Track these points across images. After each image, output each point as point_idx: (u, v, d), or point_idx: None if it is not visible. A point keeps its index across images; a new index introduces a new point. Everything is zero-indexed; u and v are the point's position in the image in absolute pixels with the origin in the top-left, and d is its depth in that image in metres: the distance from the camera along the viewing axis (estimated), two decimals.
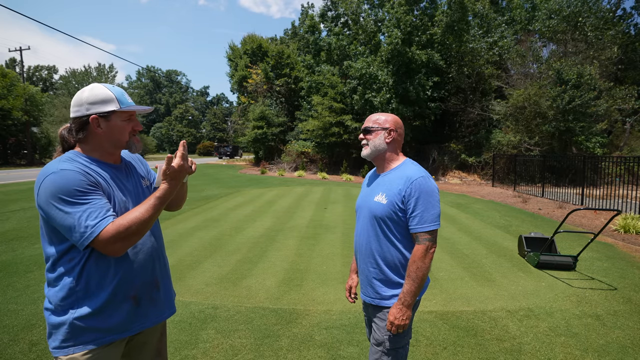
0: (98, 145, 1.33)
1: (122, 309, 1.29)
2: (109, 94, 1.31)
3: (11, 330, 2.95)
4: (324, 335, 2.99)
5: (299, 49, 28.23)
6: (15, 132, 27.89)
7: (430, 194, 1.56)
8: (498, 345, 2.88)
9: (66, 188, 1.17)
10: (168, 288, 1.50)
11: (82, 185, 1.19)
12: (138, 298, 1.34)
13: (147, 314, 1.37)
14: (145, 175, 1.55)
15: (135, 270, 1.33)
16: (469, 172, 18.63)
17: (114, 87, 1.35)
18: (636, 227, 6.76)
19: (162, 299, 1.45)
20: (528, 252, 5.03)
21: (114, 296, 1.27)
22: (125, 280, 1.30)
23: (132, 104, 1.38)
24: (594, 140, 14.86)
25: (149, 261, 1.38)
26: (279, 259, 5.02)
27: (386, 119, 1.70)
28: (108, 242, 1.16)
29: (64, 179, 1.17)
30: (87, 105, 1.29)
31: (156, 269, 1.42)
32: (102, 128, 1.31)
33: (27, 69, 54.88)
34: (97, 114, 1.29)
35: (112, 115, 1.31)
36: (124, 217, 1.20)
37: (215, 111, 77.14)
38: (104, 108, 1.29)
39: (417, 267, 1.55)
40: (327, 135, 20.14)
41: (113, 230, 1.16)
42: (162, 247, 1.51)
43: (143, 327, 1.36)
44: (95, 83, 1.37)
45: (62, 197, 1.16)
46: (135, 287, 1.32)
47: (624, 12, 22.73)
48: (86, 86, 1.36)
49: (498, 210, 9.40)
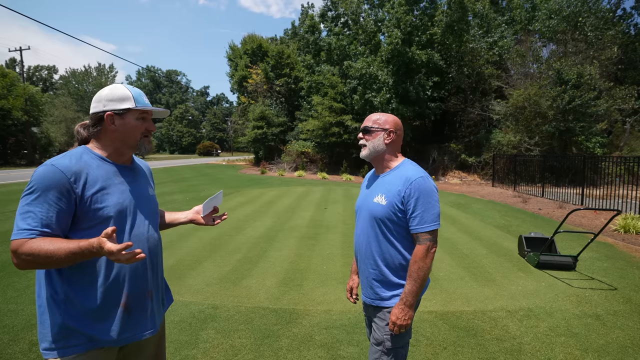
0: (110, 142, 1.35)
1: (113, 316, 1.27)
2: (126, 92, 1.34)
3: (11, 330, 2.95)
4: (324, 335, 2.99)
5: (299, 49, 28.20)
6: (15, 132, 27.91)
7: (429, 194, 1.56)
8: (498, 345, 2.88)
9: (39, 182, 1.18)
10: (159, 300, 1.46)
11: (51, 189, 1.18)
12: (130, 307, 1.31)
13: (138, 324, 1.34)
14: (152, 187, 1.55)
15: (125, 277, 1.29)
16: (469, 172, 18.62)
17: (134, 88, 1.38)
18: (636, 227, 6.76)
19: (154, 311, 1.41)
20: (528, 252, 5.03)
21: (104, 301, 1.25)
22: (116, 285, 1.27)
23: (149, 104, 1.40)
24: (594, 140, 14.85)
25: (142, 270, 1.35)
26: (279, 259, 5.02)
27: (386, 120, 1.70)
28: (13, 251, 1.14)
29: (43, 174, 1.19)
30: (104, 102, 1.32)
31: (150, 279, 1.39)
32: (116, 125, 1.33)
33: (27, 69, 54.91)
34: (113, 111, 1.32)
35: (127, 114, 1.33)
36: (44, 240, 1.14)
37: (215, 111, 77.17)
38: (120, 105, 1.32)
39: (418, 267, 1.55)
40: (327, 135, 20.14)
41: (22, 247, 1.13)
42: (159, 258, 1.47)
43: (133, 338, 1.33)
44: (117, 84, 1.40)
45: (29, 190, 1.18)
46: (127, 295, 1.30)
47: (624, 12, 22.76)
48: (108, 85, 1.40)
49: (498, 210, 9.40)
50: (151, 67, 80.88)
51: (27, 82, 34.75)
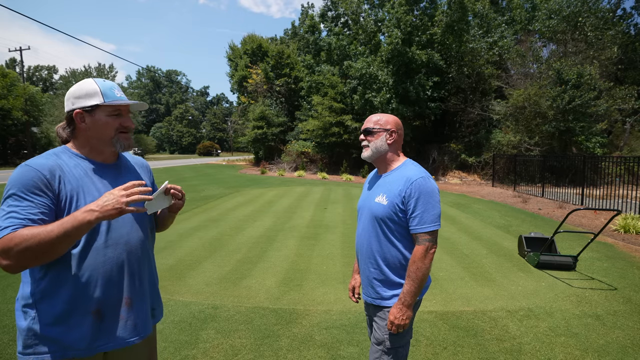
0: (86, 141, 1.29)
1: (83, 323, 1.20)
2: (94, 87, 1.26)
3: (11, 330, 2.95)
4: (324, 335, 2.99)
5: (299, 49, 28.24)
6: (15, 132, 27.92)
7: (430, 194, 1.56)
8: (498, 345, 2.88)
9: (15, 183, 1.13)
10: (144, 309, 1.35)
11: (30, 188, 1.13)
12: (102, 314, 1.23)
13: (113, 331, 1.25)
14: (148, 185, 1.48)
15: (97, 282, 1.21)
16: (469, 172, 18.62)
17: (105, 81, 1.30)
18: (636, 227, 6.76)
19: (135, 320, 1.30)
20: (528, 252, 5.03)
21: (73, 307, 1.18)
22: (84, 291, 1.19)
23: (122, 98, 1.30)
24: (594, 140, 14.85)
25: (117, 275, 1.26)
26: (279, 259, 5.02)
27: (387, 120, 1.70)
28: (4, 253, 1.05)
29: (18, 175, 1.14)
30: (72, 100, 1.26)
31: (127, 285, 1.29)
32: (87, 123, 1.26)
33: (27, 69, 54.95)
34: (81, 109, 1.25)
35: (96, 110, 1.25)
36: (31, 228, 1.07)
37: (215, 111, 77.20)
38: (87, 102, 1.25)
39: (417, 267, 1.55)
40: (327, 135, 20.15)
41: (7, 242, 1.04)
42: (141, 264, 1.35)
43: (108, 346, 1.24)
44: (87, 79, 1.32)
45: (8, 193, 1.13)
46: (97, 301, 1.21)
47: (624, 12, 22.78)
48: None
49: (498, 210, 9.40)
50: (151, 67, 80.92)
51: (27, 82, 34.79)
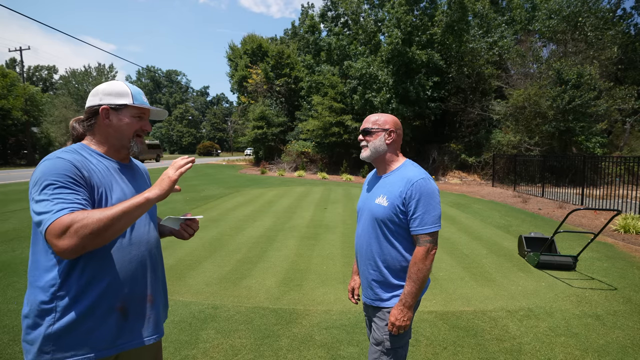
0: (105, 138, 1.31)
1: (108, 322, 1.18)
2: (125, 89, 1.32)
3: (11, 330, 2.95)
4: (324, 335, 2.99)
5: (299, 49, 28.24)
6: (15, 132, 27.91)
7: (430, 195, 1.56)
8: (498, 345, 2.88)
9: (53, 176, 1.10)
10: (161, 307, 1.38)
11: (67, 178, 1.11)
12: (126, 310, 1.22)
13: (134, 330, 1.25)
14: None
15: (124, 277, 1.22)
16: (469, 172, 18.62)
17: (134, 86, 1.36)
18: (636, 227, 6.76)
19: (154, 318, 1.32)
20: (528, 252, 5.03)
21: (97, 305, 1.16)
22: (112, 287, 1.18)
23: (147, 104, 1.37)
24: (594, 140, 14.85)
25: (141, 273, 1.27)
26: (279, 259, 5.02)
27: (386, 120, 1.70)
28: (57, 235, 1.01)
29: (55, 167, 1.12)
30: (101, 96, 1.30)
31: (150, 283, 1.31)
32: (110, 120, 1.29)
33: (27, 69, 54.93)
34: (109, 105, 1.29)
35: (123, 109, 1.30)
36: (85, 211, 1.06)
37: (215, 111, 77.19)
38: (117, 100, 1.29)
39: (418, 268, 1.55)
40: (327, 135, 20.15)
41: (67, 222, 1.01)
42: (159, 262, 1.39)
43: (128, 345, 1.23)
44: (118, 80, 1.37)
45: (44, 183, 1.09)
46: (123, 298, 1.21)
47: (624, 12, 22.79)
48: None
49: (498, 210, 9.40)
50: (151, 67, 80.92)
51: (27, 82, 34.78)
